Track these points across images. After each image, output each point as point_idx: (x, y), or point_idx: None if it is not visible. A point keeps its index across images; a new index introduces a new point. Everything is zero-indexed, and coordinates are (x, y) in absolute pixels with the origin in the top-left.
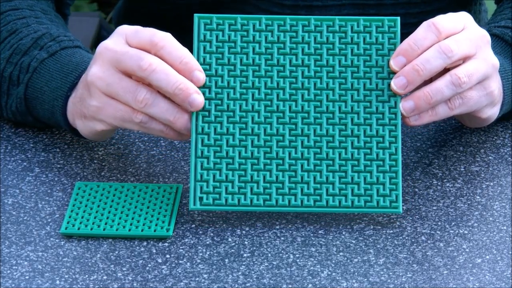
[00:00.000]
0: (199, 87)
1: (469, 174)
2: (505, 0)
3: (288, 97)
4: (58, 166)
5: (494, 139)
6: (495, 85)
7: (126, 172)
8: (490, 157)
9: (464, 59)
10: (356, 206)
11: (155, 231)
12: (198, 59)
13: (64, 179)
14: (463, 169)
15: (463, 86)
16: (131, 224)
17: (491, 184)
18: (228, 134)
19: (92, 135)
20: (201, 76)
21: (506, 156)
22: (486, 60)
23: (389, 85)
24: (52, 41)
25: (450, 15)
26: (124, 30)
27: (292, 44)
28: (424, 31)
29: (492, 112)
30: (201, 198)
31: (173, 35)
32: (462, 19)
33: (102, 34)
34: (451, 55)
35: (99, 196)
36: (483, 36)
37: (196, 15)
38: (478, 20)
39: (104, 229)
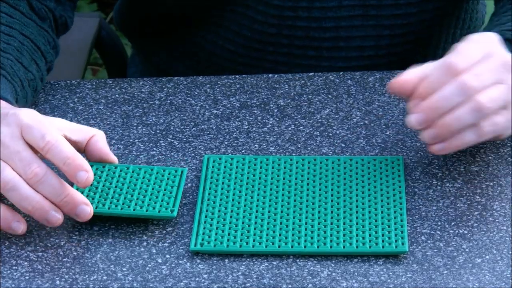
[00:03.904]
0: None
1: (469, 174)
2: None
3: (292, 194)
4: None
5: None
6: None
7: None
8: (490, 157)
9: None
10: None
11: (159, 211)
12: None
13: (64, 179)
14: (463, 169)
15: (485, 111)
16: (135, 205)
17: (491, 184)
18: (231, 217)
19: None
20: (84, 175)
21: (506, 156)
22: (509, 87)
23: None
24: None
25: (466, 50)
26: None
27: (298, 175)
28: (451, 92)
29: None
30: (202, 244)
31: (178, 31)
32: (480, 50)
33: (102, 34)
34: (485, 112)
35: (105, 176)
36: (506, 64)
37: (205, 156)
38: (475, 19)
39: (109, 208)
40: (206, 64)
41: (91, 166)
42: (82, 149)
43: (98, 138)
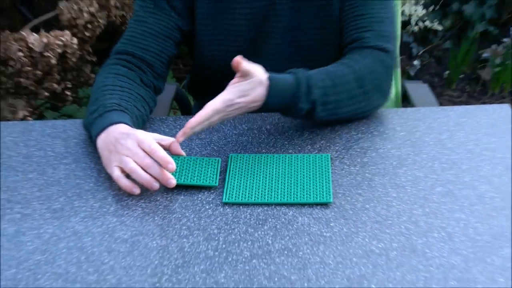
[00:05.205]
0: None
1: (362, 162)
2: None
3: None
4: None
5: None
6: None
7: None
8: (373, 154)
9: None
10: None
11: (209, 182)
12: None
13: None
14: (359, 160)
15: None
16: (196, 178)
17: (374, 168)
18: (244, 185)
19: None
20: (171, 166)
21: (382, 154)
22: None
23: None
24: (102, 107)
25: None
26: (137, 138)
27: (276, 164)
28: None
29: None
30: (229, 198)
31: (217, 91)
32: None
33: (178, 93)
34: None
35: (179, 163)
36: None
37: (230, 155)
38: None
39: (184, 181)
40: None
41: (172, 157)
42: (167, 148)
43: (175, 144)
